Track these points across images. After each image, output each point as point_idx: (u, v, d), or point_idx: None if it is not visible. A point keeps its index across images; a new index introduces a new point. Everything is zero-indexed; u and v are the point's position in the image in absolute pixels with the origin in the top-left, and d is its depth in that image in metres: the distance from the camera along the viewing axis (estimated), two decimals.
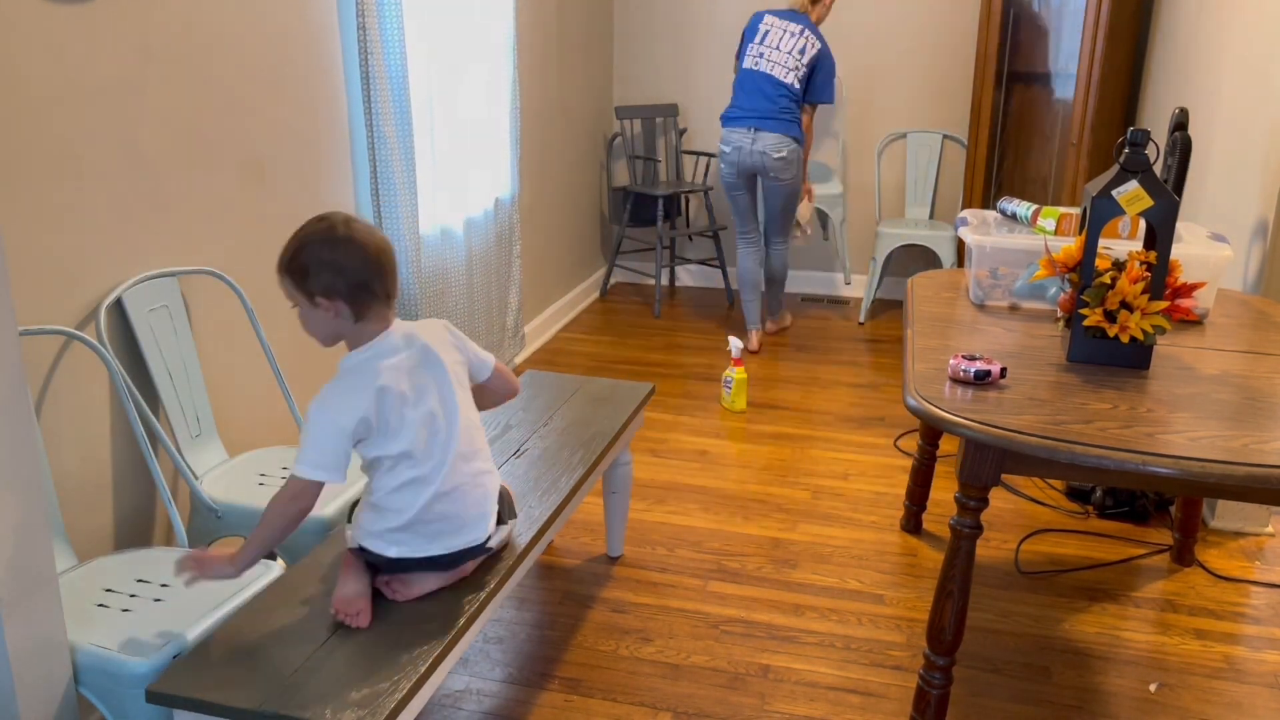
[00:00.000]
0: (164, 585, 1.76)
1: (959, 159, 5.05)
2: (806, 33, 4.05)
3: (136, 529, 2.14)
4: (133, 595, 1.73)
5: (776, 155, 4.02)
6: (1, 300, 1.36)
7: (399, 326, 1.65)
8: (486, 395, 1.85)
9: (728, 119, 4.10)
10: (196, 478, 2.15)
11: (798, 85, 4.03)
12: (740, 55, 4.12)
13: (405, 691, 1.44)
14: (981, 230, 2.48)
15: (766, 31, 4.06)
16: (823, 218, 5.19)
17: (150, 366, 2.11)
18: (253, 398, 2.54)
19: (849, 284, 5.28)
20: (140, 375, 2.12)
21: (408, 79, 2.88)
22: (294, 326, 2.40)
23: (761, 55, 4.03)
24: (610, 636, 2.36)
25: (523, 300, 4.09)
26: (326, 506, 2.04)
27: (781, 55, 4.02)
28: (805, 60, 4.02)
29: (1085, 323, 1.95)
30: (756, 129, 4.02)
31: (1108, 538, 2.85)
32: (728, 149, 4.09)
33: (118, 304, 2.05)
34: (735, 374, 3.62)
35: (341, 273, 1.55)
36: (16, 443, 1.40)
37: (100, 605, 1.69)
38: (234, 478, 2.20)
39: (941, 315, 2.33)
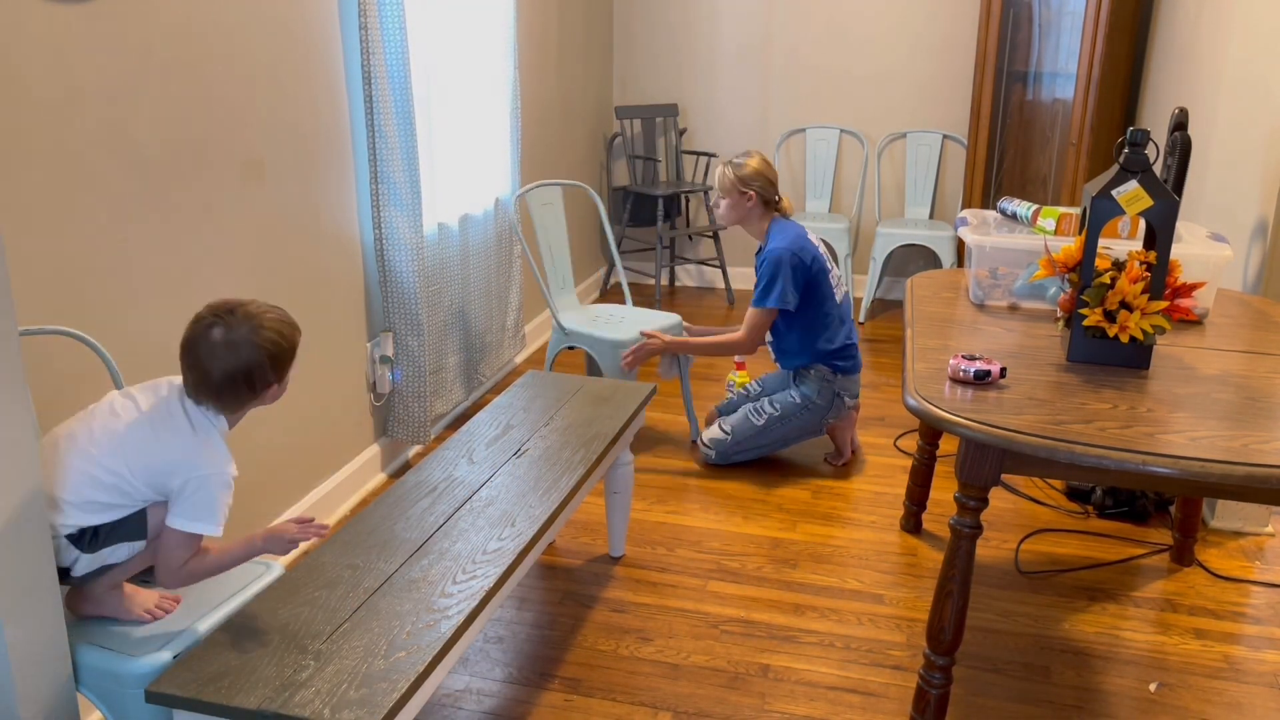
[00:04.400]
0: None
1: (959, 159, 5.05)
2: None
3: None
4: None
5: None
6: (2, 300, 1.36)
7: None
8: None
9: (851, 369, 3.28)
10: None
11: None
12: (820, 286, 3.21)
13: (404, 691, 1.44)
14: (981, 230, 2.48)
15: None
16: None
17: None
18: None
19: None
20: None
21: (409, 78, 2.88)
22: None
23: (838, 281, 3.30)
24: (610, 636, 2.37)
25: (523, 300, 4.09)
26: None
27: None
28: None
29: (1085, 323, 1.95)
30: None
31: (1108, 538, 2.85)
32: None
33: None
34: (738, 377, 3.62)
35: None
36: (16, 443, 1.40)
37: None
38: None
39: (941, 315, 2.33)
